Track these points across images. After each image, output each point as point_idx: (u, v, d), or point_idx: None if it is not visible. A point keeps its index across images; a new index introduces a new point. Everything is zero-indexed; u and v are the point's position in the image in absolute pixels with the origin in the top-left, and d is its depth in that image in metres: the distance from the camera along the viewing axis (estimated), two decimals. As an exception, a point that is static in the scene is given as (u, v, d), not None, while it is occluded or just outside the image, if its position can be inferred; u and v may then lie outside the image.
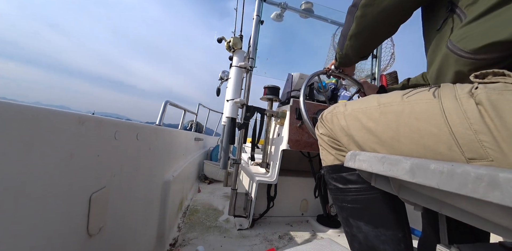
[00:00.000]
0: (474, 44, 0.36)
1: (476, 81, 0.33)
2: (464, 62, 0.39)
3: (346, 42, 0.65)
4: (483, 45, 0.35)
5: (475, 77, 0.34)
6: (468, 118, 0.30)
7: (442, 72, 0.45)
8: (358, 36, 0.61)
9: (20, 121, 0.24)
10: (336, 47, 0.74)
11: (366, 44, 0.63)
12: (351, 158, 0.47)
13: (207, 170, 2.15)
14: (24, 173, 0.25)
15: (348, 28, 0.62)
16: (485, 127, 0.28)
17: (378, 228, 0.51)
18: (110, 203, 0.47)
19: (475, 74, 0.34)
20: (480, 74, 0.34)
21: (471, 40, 0.37)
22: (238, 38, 1.26)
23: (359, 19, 0.57)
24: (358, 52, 0.67)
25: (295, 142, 1.09)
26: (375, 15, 0.54)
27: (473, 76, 0.34)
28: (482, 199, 0.20)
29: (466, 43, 0.38)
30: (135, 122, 0.58)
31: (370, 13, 0.54)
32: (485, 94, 0.30)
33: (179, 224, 1.08)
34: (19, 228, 0.25)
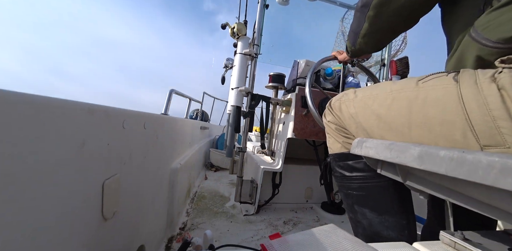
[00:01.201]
0: (502, 33, 0.33)
1: (501, 66, 0.31)
2: (489, 51, 0.36)
3: (359, 39, 0.62)
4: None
5: (501, 62, 0.32)
6: (487, 103, 0.29)
7: (463, 61, 0.42)
8: (372, 34, 0.58)
9: (33, 111, 0.25)
10: (347, 41, 0.70)
11: (382, 40, 0.60)
12: (358, 145, 0.47)
13: (213, 158, 2.19)
14: (39, 161, 0.26)
15: (359, 27, 0.58)
16: (506, 113, 0.27)
17: (383, 215, 0.52)
18: (122, 190, 0.48)
19: (501, 59, 0.32)
20: (508, 59, 0.31)
21: (498, 28, 0.34)
22: (242, 24, 1.22)
23: (372, 19, 0.53)
24: (373, 48, 0.64)
25: (300, 131, 1.09)
26: (391, 13, 0.50)
27: (499, 61, 0.32)
28: (493, 186, 0.20)
29: (493, 31, 0.35)
30: (141, 111, 0.59)
31: (385, 11, 0.50)
32: (510, 78, 0.28)
33: (188, 209, 1.12)
34: (36, 211, 0.26)
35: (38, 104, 0.25)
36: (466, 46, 0.41)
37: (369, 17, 0.53)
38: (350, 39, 0.66)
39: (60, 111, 0.29)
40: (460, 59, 0.43)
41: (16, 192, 0.23)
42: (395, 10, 0.49)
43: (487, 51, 0.36)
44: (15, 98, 0.23)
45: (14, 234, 0.23)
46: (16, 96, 0.23)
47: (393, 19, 0.51)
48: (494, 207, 0.28)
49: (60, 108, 0.29)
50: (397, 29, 0.55)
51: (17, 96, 0.23)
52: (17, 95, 0.23)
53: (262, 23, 1.24)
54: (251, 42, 1.25)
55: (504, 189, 0.20)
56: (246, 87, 1.13)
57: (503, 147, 0.28)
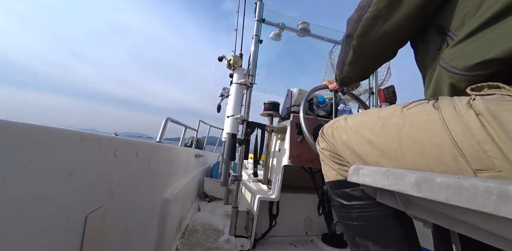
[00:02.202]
0: (466, 62, 0.38)
1: (472, 94, 0.34)
2: (459, 78, 0.40)
3: (346, 67, 0.67)
4: (475, 63, 0.36)
5: (471, 90, 0.35)
6: (470, 128, 0.30)
7: (439, 89, 0.46)
8: (357, 62, 0.63)
9: (22, 139, 0.24)
10: (336, 70, 0.76)
11: (365, 68, 0.65)
12: (354, 172, 0.46)
13: (207, 188, 2.10)
14: (21, 191, 0.25)
15: (346, 56, 0.64)
16: (489, 137, 0.28)
17: (387, 248, 0.49)
18: (107, 224, 0.45)
19: (471, 87, 0.35)
20: (476, 87, 0.34)
21: (463, 58, 0.38)
22: (238, 57, 1.30)
23: (356, 48, 0.59)
24: (359, 76, 0.69)
25: (296, 158, 1.08)
26: (371, 43, 0.56)
27: (469, 89, 0.35)
28: (494, 214, 0.19)
29: (458, 61, 0.39)
30: (135, 140, 0.58)
31: (366, 41, 0.56)
32: (483, 104, 0.30)
33: (178, 245, 1.03)
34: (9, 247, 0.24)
35: (27, 132, 0.25)
36: (440, 76, 0.45)
37: (353, 46, 0.59)
38: (338, 68, 0.72)
39: (48, 139, 0.28)
40: (437, 88, 0.47)
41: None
42: (375, 40, 0.55)
43: (457, 78, 0.40)
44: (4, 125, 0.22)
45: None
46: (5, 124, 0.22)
47: (374, 47, 0.57)
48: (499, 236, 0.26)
49: (49, 136, 0.28)
50: (378, 57, 0.61)
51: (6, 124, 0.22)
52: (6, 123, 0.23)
53: (257, 55, 1.32)
54: (247, 72, 1.32)
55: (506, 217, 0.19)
56: (241, 115, 1.15)
57: (495, 171, 0.28)
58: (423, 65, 0.54)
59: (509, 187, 0.19)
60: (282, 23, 1.57)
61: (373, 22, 0.52)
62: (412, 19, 0.49)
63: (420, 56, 0.55)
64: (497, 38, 0.34)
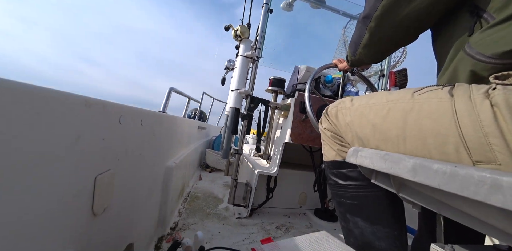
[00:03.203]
0: (497, 49, 0.35)
1: (495, 82, 0.32)
2: (483, 66, 0.37)
3: (359, 50, 0.62)
4: (507, 50, 0.33)
5: (495, 78, 0.32)
6: (480, 120, 0.29)
7: (455, 77, 0.43)
8: (373, 46, 0.58)
9: (30, 101, 0.25)
10: (348, 50, 0.71)
11: (382, 52, 0.60)
12: (353, 154, 0.47)
13: (209, 159, 2.18)
14: (31, 151, 0.26)
15: (360, 37, 0.58)
16: (498, 130, 0.28)
17: (375, 225, 0.52)
18: (115, 186, 0.48)
19: (495, 75, 0.33)
20: (502, 75, 0.32)
21: (493, 44, 0.35)
22: (246, 27, 1.23)
23: (373, 30, 0.54)
24: (372, 59, 0.65)
25: (297, 136, 1.09)
26: (393, 25, 0.50)
27: (493, 77, 0.33)
28: (483, 201, 0.20)
29: (486, 46, 0.36)
30: (139, 108, 0.59)
31: (387, 23, 0.51)
32: (503, 95, 0.28)
33: (180, 209, 1.11)
34: (24, 205, 0.26)
35: (32, 94, 0.25)
36: (460, 62, 0.42)
37: (370, 28, 0.54)
38: (351, 49, 0.67)
39: (55, 102, 0.29)
40: (454, 75, 0.44)
41: (3, 184, 0.23)
42: (396, 22, 0.49)
43: (481, 66, 0.37)
44: (7, 86, 0.22)
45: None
46: (8, 84, 0.22)
47: (394, 31, 0.52)
48: (484, 222, 0.28)
49: (55, 99, 0.29)
50: (397, 42, 0.56)
51: (9, 84, 0.22)
52: (9, 83, 0.22)
53: (265, 27, 1.25)
54: (253, 45, 1.26)
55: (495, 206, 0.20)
56: (246, 90, 1.14)
57: (494, 164, 0.28)
58: (442, 49, 0.50)
59: (503, 178, 0.20)
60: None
61: (397, 1, 0.47)
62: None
63: (441, 40, 0.50)
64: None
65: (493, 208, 0.21)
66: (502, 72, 0.32)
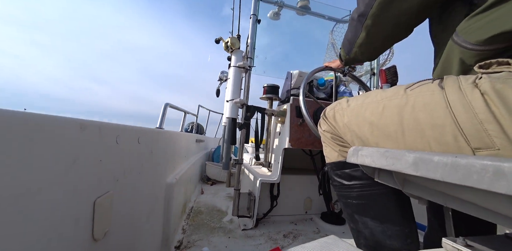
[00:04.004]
0: (479, 36, 0.36)
1: (480, 71, 0.33)
2: (469, 54, 0.38)
3: (354, 49, 0.62)
4: (488, 36, 0.34)
5: (479, 67, 0.34)
6: (473, 107, 0.30)
7: (448, 65, 0.45)
8: (370, 44, 0.58)
9: (23, 129, 0.24)
10: (341, 50, 0.71)
11: (377, 50, 0.60)
12: (354, 153, 0.47)
13: (209, 172, 2.15)
14: (28, 179, 0.25)
15: (356, 36, 0.58)
16: (491, 116, 0.28)
17: (384, 224, 0.51)
18: (115, 207, 0.47)
19: (479, 65, 0.34)
20: (485, 64, 0.33)
21: (476, 32, 0.37)
22: (236, 38, 1.25)
23: (370, 28, 0.53)
24: (369, 57, 0.65)
25: (296, 140, 1.09)
26: (388, 22, 0.50)
27: (477, 67, 0.34)
28: (488, 189, 0.20)
29: (470, 34, 0.37)
30: (135, 126, 0.58)
31: (383, 21, 0.51)
32: (489, 83, 0.29)
33: (184, 226, 1.08)
34: (23, 233, 0.25)
35: (27, 121, 0.25)
36: (451, 50, 0.43)
37: (367, 27, 0.54)
38: (345, 48, 0.67)
39: (50, 127, 0.28)
40: (446, 64, 0.45)
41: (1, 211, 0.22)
42: (394, 19, 0.49)
43: (468, 54, 0.39)
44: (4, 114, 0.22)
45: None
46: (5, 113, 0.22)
47: (392, 28, 0.52)
48: (492, 211, 0.27)
49: (50, 124, 0.29)
50: (394, 38, 0.56)
51: (5, 113, 0.23)
52: (5, 113, 0.23)
53: (255, 37, 1.28)
54: (245, 55, 1.28)
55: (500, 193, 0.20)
56: (241, 99, 1.14)
57: (493, 149, 0.28)
58: (438, 39, 0.50)
59: (504, 164, 0.20)
60: (281, 1, 1.49)
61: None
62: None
63: (436, 29, 0.50)
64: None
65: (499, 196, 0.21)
66: (485, 61, 0.34)
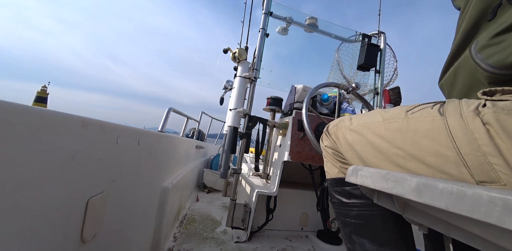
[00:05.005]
0: (501, 58, 0.33)
1: (483, 98, 0.31)
2: (482, 74, 0.36)
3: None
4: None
5: (483, 94, 0.32)
6: (475, 139, 0.29)
7: (457, 75, 0.43)
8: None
9: (26, 122, 0.24)
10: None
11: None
12: (353, 173, 0.46)
13: (206, 179, 2.12)
14: (23, 174, 0.25)
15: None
16: (495, 149, 0.27)
17: (383, 247, 0.49)
18: (108, 208, 0.46)
19: (483, 91, 0.33)
20: (489, 91, 0.32)
21: (499, 53, 0.34)
22: (243, 49, 1.28)
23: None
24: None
25: (296, 154, 1.08)
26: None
27: (481, 93, 0.33)
28: (497, 225, 0.19)
29: (491, 54, 0.35)
30: (137, 128, 0.58)
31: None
32: (493, 113, 0.28)
33: (175, 233, 1.05)
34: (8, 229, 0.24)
35: (29, 114, 0.25)
36: (464, 62, 0.41)
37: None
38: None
39: (52, 122, 0.28)
40: (455, 75, 0.43)
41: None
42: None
43: (480, 73, 0.37)
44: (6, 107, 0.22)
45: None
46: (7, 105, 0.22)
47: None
48: (496, 245, 0.26)
49: (53, 120, 0.29)
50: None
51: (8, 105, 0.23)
52: (11, 105, 0.23)
53: (262, 49, 1.31)
54: (251, 66, 1.30)
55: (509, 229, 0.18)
56: (244, 109, 1.15)
57: (499, 184, 0.27)
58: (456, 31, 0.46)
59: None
60: (290, 17, 1.54)
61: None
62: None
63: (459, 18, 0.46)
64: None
65: (507, 231, 0.20)
66: (490, 89, 0.33)
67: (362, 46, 1.46)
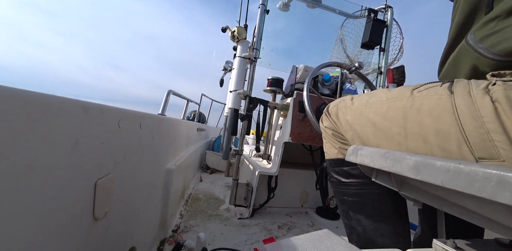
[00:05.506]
0: (507, 44, 0.32)
1: (493, 79, 0.31)
2: (486, 62, 0.36)
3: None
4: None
5: (492, 76, 0.32)
6: (481, 116, 0.29)
7: (457, 67, 0.42)
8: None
9: (25, 107, 0.24)
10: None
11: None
12: (353, 152, 0.47)
13: (209, 160, 2.17)
14: (30, 159, 0.26)
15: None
16: (500, 126, 0.27)
17: (378, 222, 0.52)
18: (115, 190, 0.48)
19: (492, 73, 0.32)
20: (498, 73, 0.32)
21: (502, 38, 0.33)
22: (243, 28, 1.23)
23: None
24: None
25: (297, 135, 1.09)
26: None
27: (490, 75, 0.32)
28: (489, 199, 0.20)
29: (495, 41, 0.34)
30: (138, 111, 0.58)
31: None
32: (503, 91, 0.28)
33: (181, 211, 1.10)
34: (25, 210, 0.26)
35: (30, 100, 0.25)
36: (463, 53, 0.41)
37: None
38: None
39: (53, 108, 0.28)
40: (455, 66, 0.43)
41: (4, 190, 0.23)
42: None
43: (484, 61, 0.36)
44: (6, 93, 0.22)
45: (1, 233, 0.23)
46: (7, 91, 0.22)
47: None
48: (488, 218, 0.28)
49: (53, 105, 0.28)
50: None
51: (8, 91, 0.22)
52: (8, 90, 0.22)
53: (262, 27, 1.25)
54: (251, 46, 1.26)
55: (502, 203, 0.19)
56: (244, 90, 1.13)
57: (498, 160, 0.27)
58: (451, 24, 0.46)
59: (509, 174, 0.19)
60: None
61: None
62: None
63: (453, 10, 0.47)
64: None
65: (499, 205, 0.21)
66: (499, 71, 0.32)
67: (367, 22, 1.39)
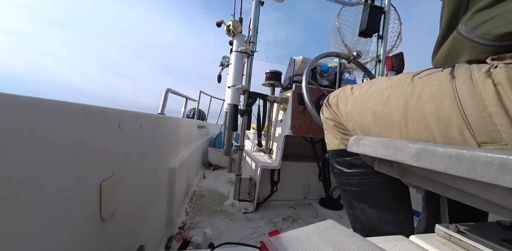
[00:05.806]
0: (498, 30, 0.32)
1: (494, 63, 0.31)
2: (483, 49, 0.35)
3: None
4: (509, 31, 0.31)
5: (492, 60, 0.32)
6: (483, 100, 0.28)
7: (454, 58, 0.42)
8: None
9: (27, 113, 0.24)
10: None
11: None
12: (355, 143, 0.47)
13: (211, 157, 2.18)
14: (35, 163, 0.26)
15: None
16: (502, 110, 0.27)
17: (381, 210, 0.53)
18: (120, 190, 0.48)
19: (492, 57, 0.32)
20: (498, 57, 0.31)
21: (493, 26, 0.33)
22: (238, 21, 1.21)
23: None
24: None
25: (297, 128, 1.09)
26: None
27: (490, 59, 0.32)
28: (491, 183, 0.20)
29: (487, 28, 0.34)
30: (138, 111, 0.58)
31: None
32: (505, 73, 0.27)
33: (187, 208, 1.12)
34: (33, 214, 0.26)
35: (32, 105, 0.25)
36: (457, 43, 0.40)
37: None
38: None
39: (54, 112, 0.28)
40: (451, 55, 0.42)
41: (13, 194, 0.23)
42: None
43: (481, 49, 0.36)
44: (9, 100, 0.22)
45: (11, 237, 0.23)
46: (9, 98, 0.22)
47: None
48: (491, 202, 0.28)
49: (54, 109, 0.28)
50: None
51: (11, 98, 0.22)
52: (10, 97, 0.22)
53: (258, 20, 1.23)
54: (247, 39, 1.24)
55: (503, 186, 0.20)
56: (242, 85, 1.13)
57: (500, 144, 0.27)
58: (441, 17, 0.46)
59: (510, 158, 0.19)
60: (286, -19, 1.41)
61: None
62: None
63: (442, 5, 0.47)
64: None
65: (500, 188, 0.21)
66: (498, 55, 0.32)
67: (364, 9, 1.35)
